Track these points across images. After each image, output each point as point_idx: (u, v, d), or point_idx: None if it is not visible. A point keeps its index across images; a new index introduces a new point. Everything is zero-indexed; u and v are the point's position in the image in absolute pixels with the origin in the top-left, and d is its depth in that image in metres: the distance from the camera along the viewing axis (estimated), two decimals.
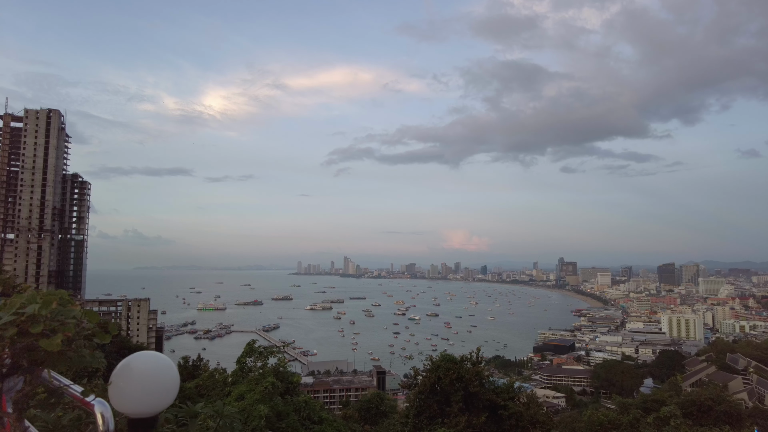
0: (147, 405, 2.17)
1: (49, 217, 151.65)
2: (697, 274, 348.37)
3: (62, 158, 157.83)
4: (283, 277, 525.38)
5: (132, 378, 2.12)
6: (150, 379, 2.15)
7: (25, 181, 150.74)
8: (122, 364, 2.18)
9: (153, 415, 2.20)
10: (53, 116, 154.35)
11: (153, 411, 2.19)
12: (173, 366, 2.31)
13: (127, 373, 2.12)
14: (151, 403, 2.18)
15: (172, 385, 2.25)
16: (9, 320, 1.56)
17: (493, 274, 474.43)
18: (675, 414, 17.34)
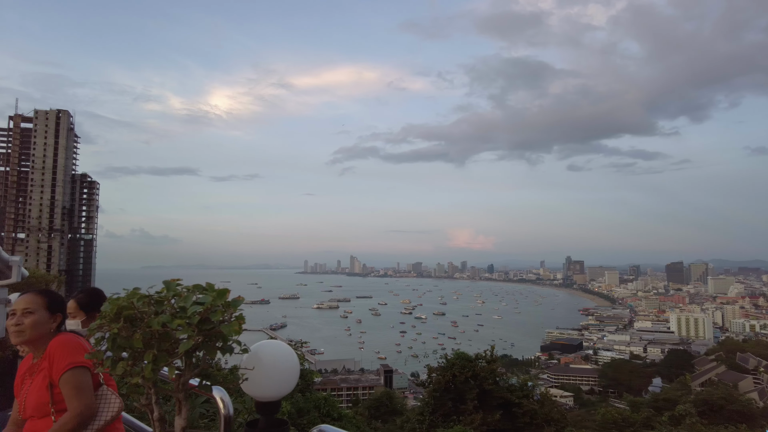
0: (274, 390, 2.34)
1: (58, 217, 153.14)
2: (706, 272, 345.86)
3: (71, 158, 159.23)
4: (290, 276, 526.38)
5: (261, 364, 2.28)
6: (276, 366, 2.33)
7: (36, 181, 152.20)
8: (251, 352, 2.35)
9: (278, 398, 2.38)
10: (62, 117, 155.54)
11: (279, 395, 2.38)
12: (294, 354, 2.48)
13: (256, 360, 2.29)
14: (278, 387, 2.36)
15: (295, 372, 2.44)
16: (196, 310, 1.73)
17: (500, 273, 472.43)
18: (690, 412, 17.42)
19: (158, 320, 1.69)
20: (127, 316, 1.74)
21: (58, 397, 2.44)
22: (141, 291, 1.97)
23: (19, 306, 2.52)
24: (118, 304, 1.79)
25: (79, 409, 2.38)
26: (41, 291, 2.66)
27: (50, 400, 2.44)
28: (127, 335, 1.74)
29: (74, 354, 2.48)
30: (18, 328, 2.48)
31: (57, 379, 2.43)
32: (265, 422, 2.31)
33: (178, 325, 1.71)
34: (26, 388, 2.54)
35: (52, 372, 2.45)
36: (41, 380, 2.47)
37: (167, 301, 1.86)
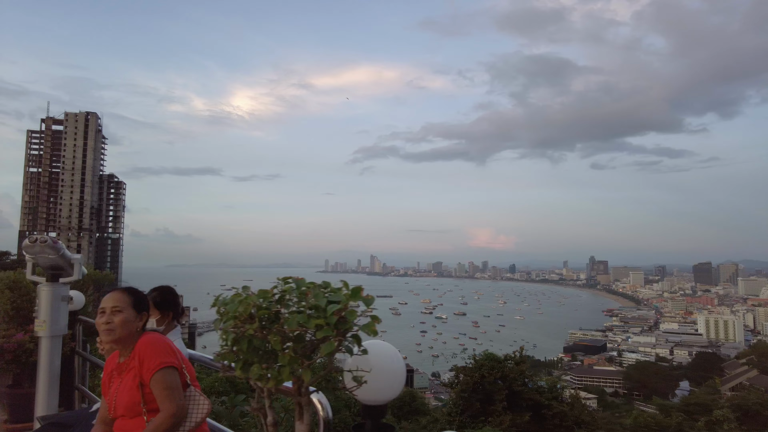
0: (383, 393, 2.17)
1: (87, 217, 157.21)
2: (736, 273, 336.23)
3: (99, 159, 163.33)
4: (311, 275, 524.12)
5: (368, 366, 2.10)
6: (385, 368, 2.16)
7: (66, 182, 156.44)
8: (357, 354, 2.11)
9: (386, 402, 2.21)
10: (91, 119, 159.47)
11: (387, 398, 2.20)
12: (401, 356, 2.32)
13: (364, 361, 2.11)
14: (387, 390, 2.19)
15: (403, 375, 2.26)
16: (334, 309, 1.67)
17: (522, 273, 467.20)
18: (728, 417, 16.92)
19: (295, 320, 1.63)
20: (261, 316, 1.68)
21: (149, 396, 2.43)
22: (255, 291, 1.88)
23: (108, 304, 2.51)
24: (252, 304, 1.70)
25: (173, 409, 2.37)
26: (127, 289, 2.64)
27: (141, 399, 2.42)
28: (262, 336, 1.69)
29: (164, 354, 2.48)
30: (108, 327, 2.46)
31: (148, 379, 2.41)
32: (372, 426, 2.14)
33: (317, 325, 1.64)
34: (115, 387, 2.52)
35: (142, 371, 2.44)
36: (131, 380, 2.46)
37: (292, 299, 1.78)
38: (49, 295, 3.94)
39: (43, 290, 3.97)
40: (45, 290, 3.96)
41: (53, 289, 3.97)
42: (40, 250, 3.76)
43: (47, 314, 3.92)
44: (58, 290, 4.00)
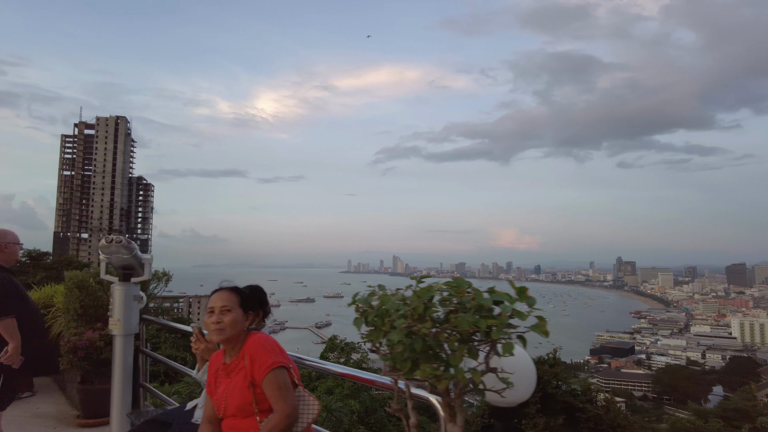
0: (516, 394, 2.07)
1: (117, 218, 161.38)
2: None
3: (129, 162, 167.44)
4: (334, 275, 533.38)
5: (511, 368, 1.92)
6: (519, 369, 2.06)
7: (97, 184, 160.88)
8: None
9: (516, 404, 2.16)
10: (120, 123, 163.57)
11: (519, 400, 2.16)
12: (531, 360, 2.27)
13: (507, 363, 1.89)
14: (520, 392, 2.11)
15: (534, 376, 2.22)
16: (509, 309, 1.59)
17: (547, 274, 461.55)
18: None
19: (468, 320, 1.54)
20: (431, 315, 1.59)
21: (260, 396, 2.39)
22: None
23: (217, 304, 2.49)
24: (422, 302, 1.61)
25: (288, 410, 2.35)
26: (234, 288, 2.60)
27: (253, 399, 2.39)
28: (434, 336, 1.60)
29: (275, 353, 2.45)
30: (219, 326, 2.44)
31: (260, 379, 2.38)
32: (503, 428, 1.95)
33: (491, 325, 1.55)
34: (223, 387, 2.48)
35: (253, 371, 2.40)
36: (242, 380, 2.42)
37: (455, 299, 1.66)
38: (122, 294, 4.05)
39: (116, 289, 4.07)
40: (118, 289, 4.07)
41: (126, 289, 4.07)
42: (115, 250, 3.86)
43: (121, 313, 4.02)
44: (130, 290, 4.10)
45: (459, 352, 1.59)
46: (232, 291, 2.58)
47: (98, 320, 5.05)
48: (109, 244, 3.82)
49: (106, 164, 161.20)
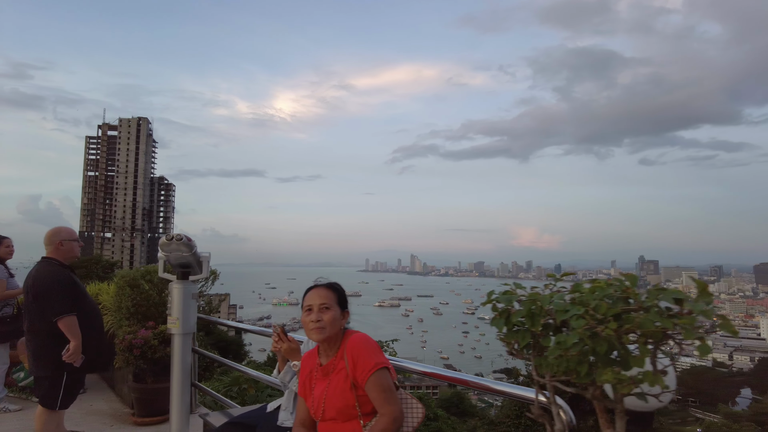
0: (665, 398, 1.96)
1: (139, 217, 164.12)
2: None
3: (150, 162, 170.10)
4: (352, 274, 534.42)
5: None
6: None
7: (120, 185, 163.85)
8: None
9: (655, 409, 1.90)
10: (142, 123, 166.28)
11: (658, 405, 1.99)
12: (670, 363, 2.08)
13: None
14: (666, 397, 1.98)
15: (674, 382, 1.92)
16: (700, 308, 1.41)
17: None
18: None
19: (652, 320, 1.41)
20: (615, 314, 1.45)
21: (363, 399, 2.26)
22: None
23: (315, 301, 2.39)
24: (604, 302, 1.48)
25: (395, 413, 2.21)
26: (331, 285, 2.49)
27: (356, 402, 2.26)
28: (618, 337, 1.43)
29: (378, 354, 2.33)
30: (319, 325, 2.33)
31: (363, 381, 2.25)
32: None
33: (680, 325, 1.41)
34: (321, 389, 2.36)
35: (356, 373, 2.27)
36: (343, 381, 2.30)
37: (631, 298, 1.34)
38: (181, 292, 4.01)
39: (175, 288, 4.04)
40: (177, 288, 4.03)
41: (184, 287, 4.04)
42: (175, 248, 3.83)
43: (180, 312, 3.99)
44: (188, 288, 4.06)
45: (644, 354, 1.46)
46: (329, 288, 2.46)
47: (149, 318, 5.06)
48: (169, 241, 3.77)
49: (129, 165, 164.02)
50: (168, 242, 3.77)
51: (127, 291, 5.11)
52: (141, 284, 5.13)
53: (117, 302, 5.30)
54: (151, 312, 5.11)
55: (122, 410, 5.33)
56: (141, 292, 5.11)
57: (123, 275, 5.24)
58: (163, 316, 5.07)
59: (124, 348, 4.64)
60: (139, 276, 5.21)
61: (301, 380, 2.48)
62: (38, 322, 3.77)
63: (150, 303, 5.11)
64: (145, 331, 4.78)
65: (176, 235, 3.77)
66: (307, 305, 2.40)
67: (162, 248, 3.86)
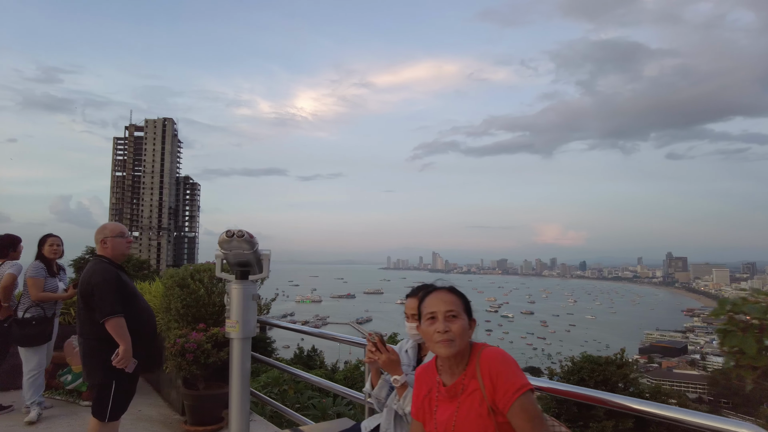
0: None
1: (166, 216, 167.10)
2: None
3: (176, 162, 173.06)
4: (373, 271, 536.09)
5: None
6: None
7: (146, 184, 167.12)
8: None
9: None
10: (168, 124, 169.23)
11: None
12: None
13: None
14: None
15: None
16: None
17: (593, 271, 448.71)
18: None
19: None
20: None
21: (504, 427, 1.82)
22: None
23: (440, 308, 1.97)
24: None
25: None
26: (453, 289, 2.12)
27: (495, 430, 1.82)
28: None
29: (520, 373, 1.90)
30: (447, 336, 1.92)
31: (506, 406, 1.80)
32: None
33: None
34: (447, 413, 1.95)
35: (495, 396, 1.84)
36: (477, 405, 1.87)
37: None
38: (240, 293, 3.71)
39: (234, 288, 3.74)
40: (236, 288, 3.73)
41: (244, 288, 3.74)
42: (236, 245, 3.52)
43: (239, 314, 3.69)
44: (248, 289, 3.76)
45: None
46: (454, 292, 2.09)
47: (199, 320, 4.80)
48: (229, 238, 3.45)
49: (155, 165, 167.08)
50: (228, 239, 3.46)
51: (177, 291, 4.84)
52: (190, 284, 4.86)
53: (165, 303, 5.04)
54: (201, 313, 4.84)
55: (172, 417, 5.07)
56: (191, 293, 4.84)
57: (171, 275, 4.98)
58: (213, 317, 4.81)
59: (176, 353, 4.37)
60: (188, 275, 4.94)
61: (417, 400, 2.07)
62: (87, 324, 3.51)
63: (200, 304, 4.83)
64: (197, 334, 4.51)
65: (237, 231, 3.43)
66: (429, 312, 1.97)
67: (221, 246, 3.55)
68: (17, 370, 4.94)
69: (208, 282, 4.96)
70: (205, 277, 4.96)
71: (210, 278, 4.94)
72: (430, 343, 1.94)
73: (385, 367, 2.39)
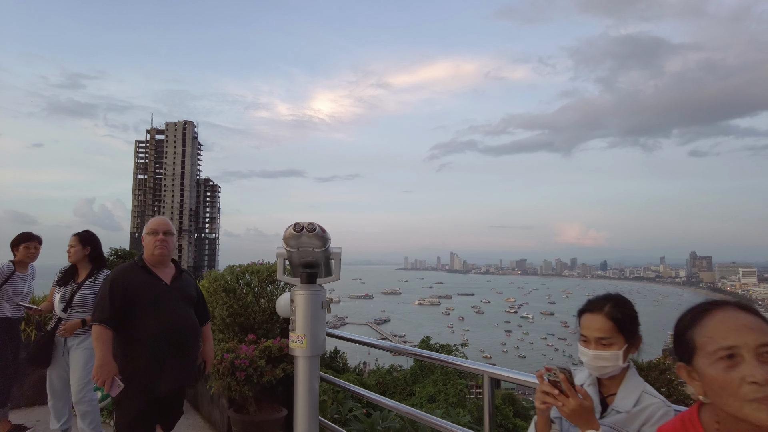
0: None
1: (187, 218, 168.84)
2: None
3: (196, 165, 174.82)
4: (391, 272, 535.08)
5: None
6: None
7: (167, 187, 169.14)
8: None
9: None
10: (188, 127, 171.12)
11: None
12: None
13: None
14: None
15: None
16: None
17: (614, 270, 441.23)
18: None
19: None
20: None
21: None
22: None
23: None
24: None
25: None
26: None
27: None
28: None
29: None
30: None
31: None
32: None
33: None
34: None
35: None
36: None
37: None
38: (308, 301, 2.99)
39: (300, 295, 3.01)
40: (303, 295, 3.01)
41: (312, 294, 3.01)
42: (306, 242, 2.84)
43: (307, 327, 2.96)
44: (317, 295, 3.03)
45: None
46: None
47: (247, 330, 4.12)
48: (298, 233, 2.78)
49: (176, 167, 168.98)
50: (296, 234, 2.78)
51: (222, 297, 4.16)
52: (237, 289, 4.17)
53: (210, 309, 4.37)
54: (248, 322, 4.15)
55: None
56: (237, 299, 4.15)
57: (215, 278, 4.31)
58: (263, 326, 4.11)
59: (224, 371, 3.67)
60: (234, 279, 4.25)
61: None
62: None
63: (248, 311, 4.14)
64: (248, 347, 3.81)
65: (307, 225, 2.77)
66: (727, 347, 1.22)
67: (287, 242, 2.86)
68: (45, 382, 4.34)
69: (257, 285, 4.26)
70: (254, 280, 4.26)
71: (259, 281, 4.25)
72: (731, 398, 1.16)
73: (573, 418, 1.60)
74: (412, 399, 12.24)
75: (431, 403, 12.15)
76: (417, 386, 13.66)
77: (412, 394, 13.43)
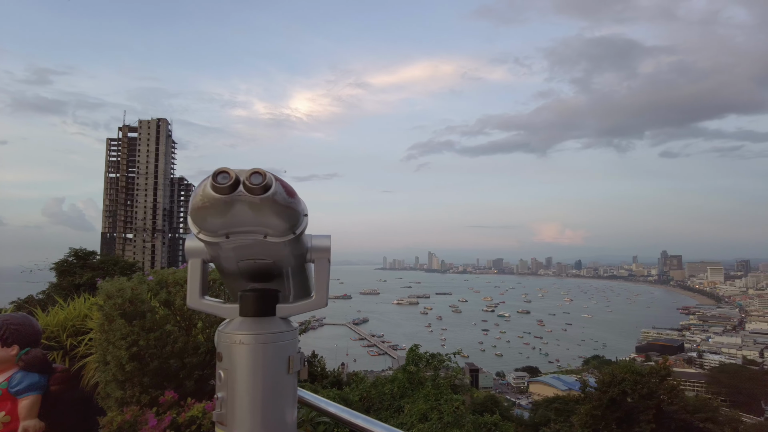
0: None
1: (160, 218, 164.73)
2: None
3: (170, 163, 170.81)
4: (370, 272, 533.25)
5: None
6: None
7: (140, 186, 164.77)
8: None
9: None
10: (162, 125, 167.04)
11: None
12: None
13: None
14: None
15: None
16: None
17: (589, 269, 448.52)
18: None
19: None
20: None
21: None
22: None
23: None
24: None
25: None
26: None
27: None
28: None
29: None
30: None
31: None
32: None
33: None
34: None
35: None
36: None
37: None
38: (257, 360, 1.75)
39: (238, 346, 1.75)
40: (244, 347, 1.73)
41: (267, 344, 1.74)
42: (248, 219, 1.35)
43: (255, 415, 1.62)
44: (279, 347, 1.18)
45: None
46: None
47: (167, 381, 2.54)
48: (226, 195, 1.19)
49: (149, 166, 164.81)
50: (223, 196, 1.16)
51: (121, 327, 2.55)
52: (149, 313, 2.62)
53: (101, 347, 2.67)
54: (168, 367, 2.56)
55: None
56: (149, 329, 2.57)
57: (107, 291, 2.70)
58: (195, 374, 2.66)
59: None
60: (146, 295, 2.70)
61: None
62: None
63: (169, 349, 2.60)
64: (156, 418, 2.19)
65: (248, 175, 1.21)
66: None
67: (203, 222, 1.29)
68: None
69: (182, 304, 2.70)
70: (179, 297, 2.74)
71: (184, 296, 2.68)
72: None
73: None
74: (400, 417, 11.26)
75: (423, 422, 11.19)
76: (406, 401, 12.65)
77: (401, 410, 12.41)
